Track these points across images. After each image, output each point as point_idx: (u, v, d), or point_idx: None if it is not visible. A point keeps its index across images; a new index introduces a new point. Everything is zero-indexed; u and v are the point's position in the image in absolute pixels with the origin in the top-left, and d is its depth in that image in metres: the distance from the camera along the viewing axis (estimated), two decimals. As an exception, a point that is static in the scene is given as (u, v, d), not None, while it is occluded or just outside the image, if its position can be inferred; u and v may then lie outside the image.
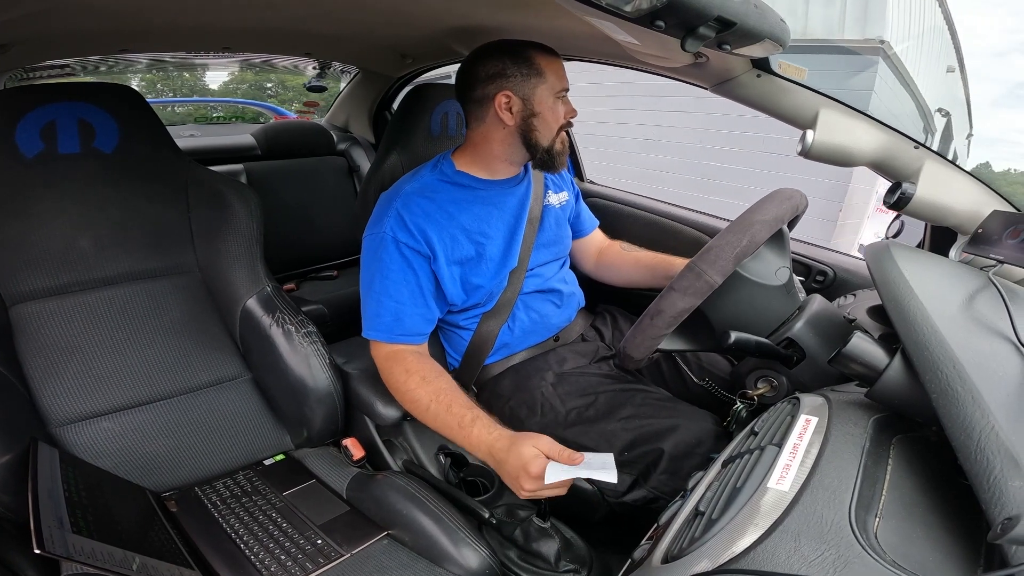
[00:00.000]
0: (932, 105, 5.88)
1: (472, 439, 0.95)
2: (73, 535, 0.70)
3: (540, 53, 1.09)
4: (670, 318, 0.86)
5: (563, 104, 1.12)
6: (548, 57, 1.10)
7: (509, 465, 0.89)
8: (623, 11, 0.70)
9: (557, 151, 1.13)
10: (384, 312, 1.06)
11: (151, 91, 3.47)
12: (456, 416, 0.97)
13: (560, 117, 1.11)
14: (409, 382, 1.03)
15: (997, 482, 0.42)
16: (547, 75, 1.08)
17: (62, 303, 1.08)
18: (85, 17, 1.07)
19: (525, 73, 1.07)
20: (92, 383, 1.06)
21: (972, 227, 0.94)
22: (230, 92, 3.80)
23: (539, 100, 1.08)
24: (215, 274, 1.22)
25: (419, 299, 1.08)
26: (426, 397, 1.00)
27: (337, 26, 1.37)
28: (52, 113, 1.06)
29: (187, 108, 3.70)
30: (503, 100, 1.08)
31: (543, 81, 1.08)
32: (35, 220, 1.07)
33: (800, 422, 0.61)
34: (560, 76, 1.10)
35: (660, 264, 1.31)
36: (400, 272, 1.07)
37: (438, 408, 0.99)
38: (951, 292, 0.74)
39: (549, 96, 1.09)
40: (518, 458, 0.88)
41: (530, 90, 1.08)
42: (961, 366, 0.52)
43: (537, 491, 0.87)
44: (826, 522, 0.47)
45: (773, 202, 0.91)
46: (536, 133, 1.10)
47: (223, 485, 1.05)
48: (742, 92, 1.05)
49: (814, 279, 1.46)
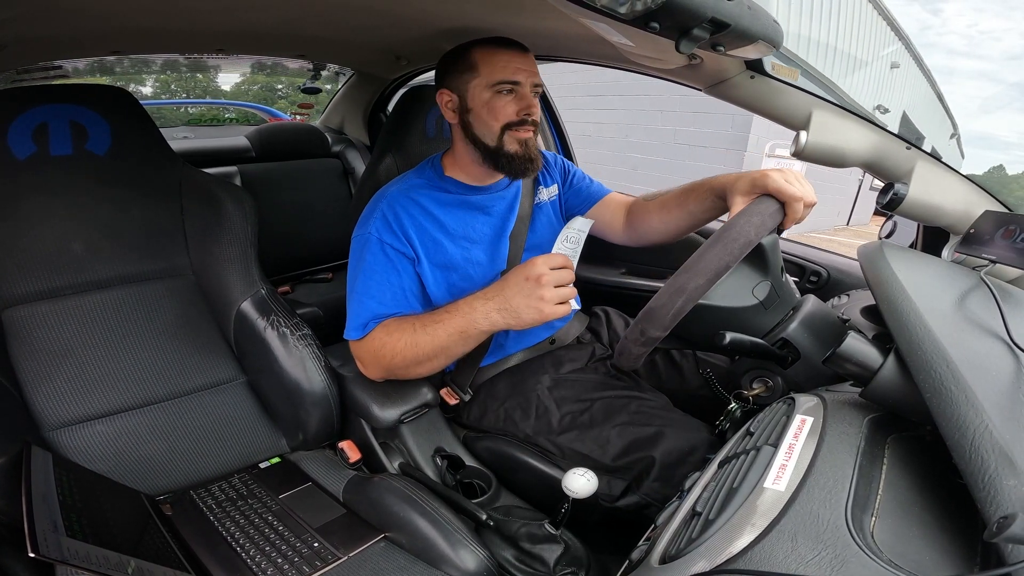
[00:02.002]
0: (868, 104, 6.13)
1: (462, 309, 0.96)
2: (68, 539, 0.70)
3: (481, 47, 1.04)
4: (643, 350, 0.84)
5: (512, 99, 1.04)
6: (489, 50, 1.04)
7: (512, 280, 0.93)
8: (617, 12, 0.71)
9: (510, 153, 1.05)
10: (364, 311, 1.05)
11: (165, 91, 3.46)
12: (439, 312, 0.99)
13: (501, 114, 1.03)
14: (390, 331, 1.01)
15: (992, 481, 0.42)
16: (480, 68, 1.03)
17: (54, 306, 1.07)
18: (77, 19, 1.06)
19: (460, 69, 1.05)
20: (85, 386, 1.05)
21: (964, 227, 0.94)
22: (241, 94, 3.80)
23: (472, 95, 1.04)
24: (209, 277, 1.22)
25: (401, 300, 1.07)
26: (408, 329, 1.00)
27: (330, 28, 1.37)
28: (44, 115, 1.05)
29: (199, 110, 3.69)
30: (444, 98, 1.08)
31: (475, 75, 1.03)
32: (27, 222, 1.06)
33: (795, 422, 0.61)
34: (501, 69, 1.02)
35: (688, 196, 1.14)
36: (384, 273, 1.06)
37: (423, 326, 0.99)
38: (944, 292, 0.75)
39: (483, 90, 1.03)
40: (518, 271, 0.92)
41: (463, 85, 1.05)
42: (954, 365, 0.53)
43: (548, 283, 0.90)
44: (823, 522, 0.47)
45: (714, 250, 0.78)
46: (474, 130, 1.06)
47: (218, 488, 1.04)
48: (736, 93, 1.06)
49: (808, 279, 1.47)
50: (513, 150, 1.05)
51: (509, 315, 0.94)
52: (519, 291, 0.92)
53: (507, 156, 1.05)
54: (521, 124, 1.05)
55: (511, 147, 1.05)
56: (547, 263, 0.91)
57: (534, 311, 0.91)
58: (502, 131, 1.04)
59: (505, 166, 1.07)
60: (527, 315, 0.92)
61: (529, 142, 1.07)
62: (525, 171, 1.08)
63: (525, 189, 1.22)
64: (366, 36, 1.50)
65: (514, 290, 0.92)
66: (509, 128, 1.04)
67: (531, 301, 0.91)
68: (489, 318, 0.95)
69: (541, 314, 0.91)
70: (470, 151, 1.10)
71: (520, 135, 1.05)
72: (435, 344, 0.98)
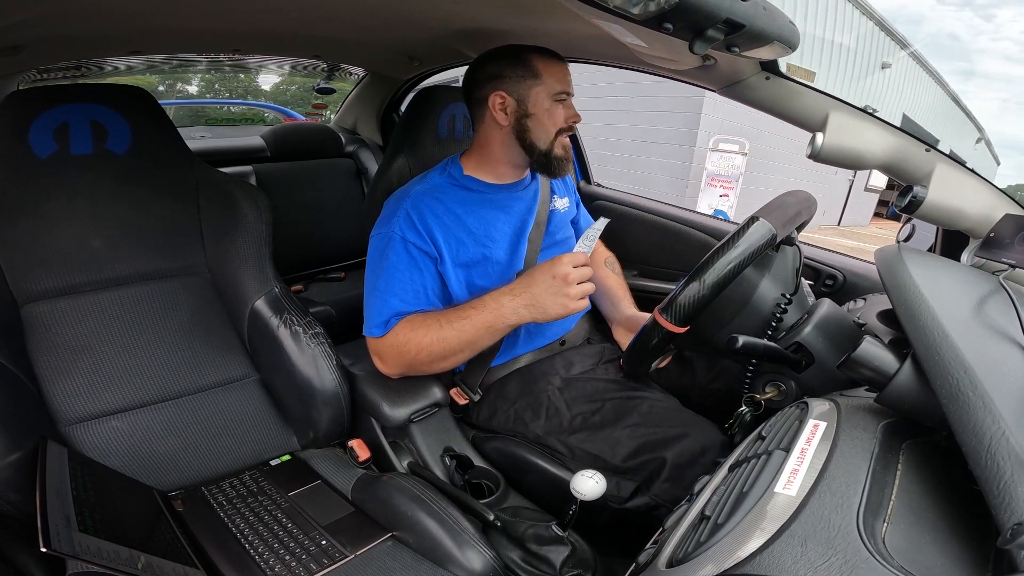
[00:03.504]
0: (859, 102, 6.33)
1: (490, 305, 1.01)
2: (80, 534, 0.71)
3: (539, 56, 1.10)
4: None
5: (563, 108, 1.11)
6: (547, 60, 1.10)
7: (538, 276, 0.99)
8: (631, 13, 0.70)
9: (557, 155, 1.13)
10: (386, 309, 1.06)
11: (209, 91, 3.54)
12: (466, 307, 1.03)
13: (558, 120, 1.11)
14: (415, 326, 1.05)
15: (1007, 487, 0.41)
16: (544, 77, 1.09)
17: (73, 303, 1.09)
18: (97, 19, 1.08)
19: (520, 74, 1.09)
20: (102, 382, 1.07)
21: (984, 231, 0.93)
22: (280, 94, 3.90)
23: (534, 101, 1.09)
24: (224, 275, 1.23)
25: (423, 300, 1.08)
26: (435, 324, 1.03)
27: (345, 29, 1.38)
28: (65, 114, 1.07)
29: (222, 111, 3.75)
30: (497, 100, 1.09)
31: (539, 83, 1.08)
32: (47, 220, 1.08)
33: (808, 427, 0.61)
34: (559, 79, 1.10)
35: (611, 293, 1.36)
36: (407, 271, 1.07)
37: (449, 322, 1.03)
38: (962, 297, 0.73)
39: (545, 98, 1.09)
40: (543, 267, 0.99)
41: (525, 91, 1.09)
42: (972, 371, 0.52)
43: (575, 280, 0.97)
44: (833, 527, 0.46)
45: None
46: (530, 134, 1.11)
47: (229, 485, 1.05)
48: (751, 95, 1.05)
49: (823, 283, 1.45)
50: (559, 153, 1.14)
51: (536, 310, 1.00)
52: (547, 288, 0.98)
53: (555, 158, 1.13)
54: (568, 130, 1.14)
55: (558, 150, 1.13)
56: (572, 261, 0.98)
57: (560, 307, 0.98)
58: (555, 136, 1.12)
59: (547, 166, 1.14)
60: (554, 310, 0.99)
61: (567, 146, 1.16)
62: (565, 171, 1.17)
63: (543, 196, 1.24)
64: (380, 37, 1.51)
65: (542, 287, 0.99)
66: (560, 133, 1.12)
67: (558, 298, 0.98)
68: (517, 313, 1.01)
69: (567, 309, 0.98)
70: (511, 151, 1.14)
71: (565, 140, 1.14)
72: (462, 339, 1.03)
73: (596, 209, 1.83)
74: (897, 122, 0.96)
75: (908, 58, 8.26)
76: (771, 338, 0.91)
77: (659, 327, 0.87)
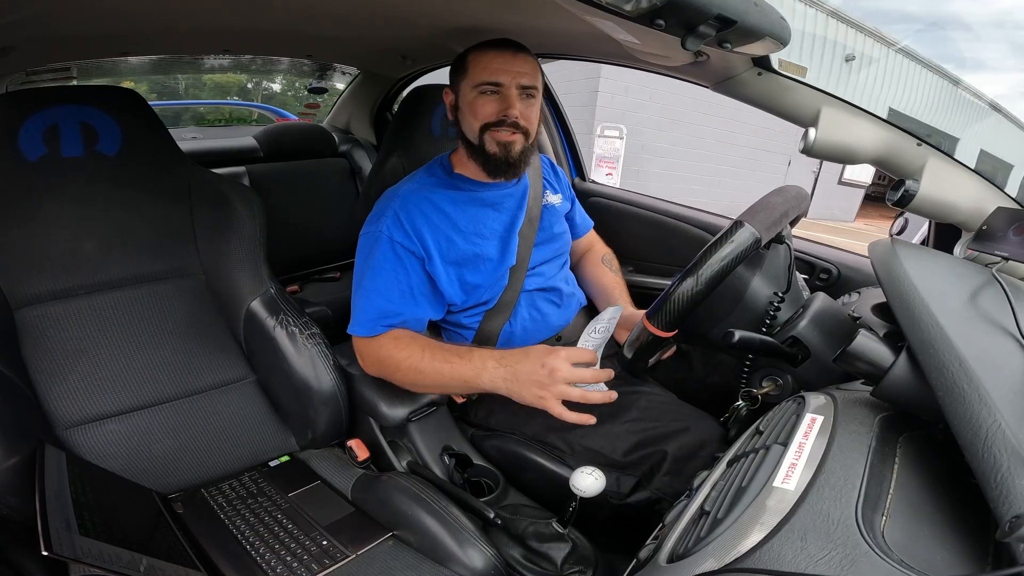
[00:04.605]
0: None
1: (475, 361, 0.96)
2: (81, 537, 0.71)
3: (476, 49, 1.08)
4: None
5: (493, 101, 1.05)
6: (480, 52, 1.07)
7: (525, 364, 0.91)
8: (623, 10, 0.71)
9: (489, 153, 1.08)
10: (370, 308, 1.06)
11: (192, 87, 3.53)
12: (451, 353, 0.99)
13: (481, 113, 1.05)
14: (399, 346, 1.03)
15: (1004, 480, 0.42)
16: (470, 69, 1.07)
17: (67, 306, 1.08)
18: (86, 20, 1.07)
19: (457, 69, 1.11)
20: (98, 385, 1.06)
21: (976, 224, 0.93)
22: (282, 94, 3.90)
23: (461, 94, 1.10)
24: (219, 276, 1.23)
25: (408, 298, 1.08)
26: (418, 351, 1.01)
27: (337, 28, 1.37)
28: (55, 116, 1.06)
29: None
30: (448, 98, 1.13)
31: (465, 75, 1.08)
32: (39, 224, 1.07)
33: (805, 421, 0.61)
34: (482, 68, 1.05)
35: (607, 292, 1.34)
36: (392, 271, 1.07)
37: (432, 357, 1.00)
38: (956, 289, 0.74)
39: (469, 91, 1.07)
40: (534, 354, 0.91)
41: (457, 85, 1.11)
42: (967, 364, 0.52)
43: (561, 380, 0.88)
44: (832, 521, 0.46)
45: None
46: (461, 128, 1.12)
47: (229, 487, 1.05)
48: (743, 90, 1.05)
49: (818, 277, 1.46)
50: (492, 150, 1.08)
51: (512, 388, 0.93)
52: (531, 374, 0.91)
53: (486, 155, 1.09)
54: (499, 125, 1.06)
55: (490, 147, 1.08)
56: (569, 358, 0.90)
57: (535, 398, 0.91)
58: (481, 131, 1.07)
59: (484, 164, 1.10)
60: (527, 398, 0.92)
61: (510, 145, 1.07)
62: (503, 173, 1.11)
63: (534, 192, 1.24)
64: (372, 36, 1.50)
65: (527, 370, 0.91)
66: (488, 128, 1.07)
67: (536, 389, 0.90)
68: (494, 381, 0.95)
69: (541, 403, 0.90)
70: (463, 148, 1.15)
71: (500, 136, 1.07)
72: (435, 379, 1.01)
73: (592, 207, 1.83)
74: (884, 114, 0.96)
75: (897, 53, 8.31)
76: (767, 333, 0.92)
77: (647, 331, 0.87)
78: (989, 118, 8.78)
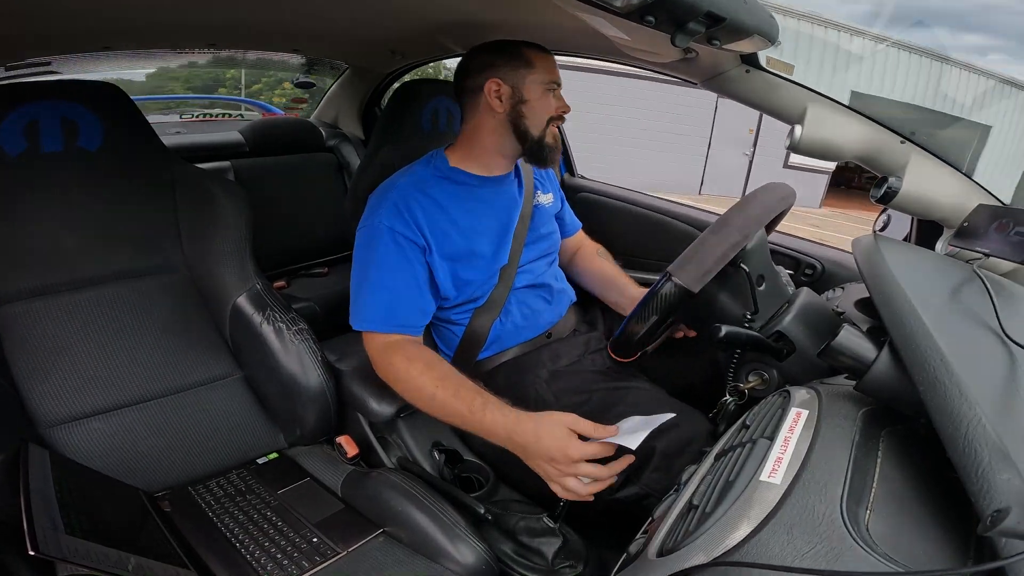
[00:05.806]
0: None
1: (487, 423, 0.91)
2: (67, 536, 0.70)
3: (531, 48, 1.13)
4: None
5: (554, 98, 1.14)
6: (538, 52, 1.13)
7: (539, 447, 0.85)
8: (613, 6, 0.71)
9: (548, 144, 1.15)
10: (379, 302, 1.05)
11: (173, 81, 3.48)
12: (465, 401, 0.94)
13: (550, 108, 1.13)
14: (411, 370, 1.00)
15: (985, 474, 0.42)
16: (536, 66, 1.11)
17: (49, 303, 1.07)
18: (66, 15, 1.05)
19: (514, 63, 1.11)
20: (81, 383, 1.05)
21: (958, 221, 0.95)
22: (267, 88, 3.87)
23: (528, 88, 1.11)
24: (204, 272, 1.21)
25: (414, 289, 1.08)
26: (431, 384, 0.97)
27: (325, 22, 1.36)
28: (35, 112, 1.04)
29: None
30: (493, 87, 1.11)
31: (532, 71, 1.11)
32: (19, 220, 1.05)
33: (791, 415, 0.62)
34: (549, 70, 1.13)
35: (614, 281, 1.38)
36: (396, 262, 1.06)
37: (444, 395, 0.95)
38: (937, 285, 0.75)
39: (538, 86, 1.12)
40: (551, 439, 0.84)
41: (519, 79, 1.11)
42: (948, 359, 0.53)
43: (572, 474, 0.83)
44: (818, 515, 0.47)
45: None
46: (525, 121, 1.12)
47: (216, 484, 1.05)
48: (731, 87, 1.06)
49: (803, 272, 1.48)
50: (550, 141, 1.15)
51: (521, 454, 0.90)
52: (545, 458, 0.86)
53: (546, 146, 1.15)
54: (559, 119, 1.16)
55: (549, 139, 1.15)
56: (584, 453, 0.84)
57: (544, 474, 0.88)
58: (547, 123, 1.14)
59: (539, 155, 1.16)
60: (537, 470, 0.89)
61: (558, 138, 1.18)
62: (554, 160, 1.19)
63: (527, 191, 1.25)
64: (361, 31, 1.49)
65: (543, 451, 0.86)
66: (551, 121, 1.14)
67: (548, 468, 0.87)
68: (503, 441, 0.92)
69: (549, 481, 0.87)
70: (503, 140, 1.15)
71: (555, 130, 1.16)
72: (443, 410, 0.96)
73: (582, 202, 1.83)
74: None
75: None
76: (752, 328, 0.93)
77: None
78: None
